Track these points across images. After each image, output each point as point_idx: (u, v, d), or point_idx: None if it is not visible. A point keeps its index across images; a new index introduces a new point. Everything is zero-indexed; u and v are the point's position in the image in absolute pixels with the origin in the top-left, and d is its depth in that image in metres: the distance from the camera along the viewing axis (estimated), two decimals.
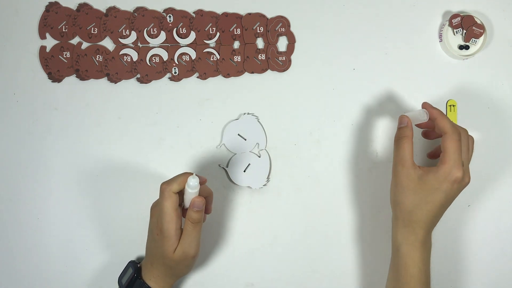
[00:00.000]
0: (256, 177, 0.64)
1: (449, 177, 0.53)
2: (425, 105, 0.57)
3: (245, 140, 0.64)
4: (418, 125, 0.59)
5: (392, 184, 0.57)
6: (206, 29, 0.65)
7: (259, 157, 0.64)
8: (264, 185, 0.64)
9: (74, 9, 0.64)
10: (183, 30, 0.64)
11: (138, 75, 0.64)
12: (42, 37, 0.64)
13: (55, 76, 0.64)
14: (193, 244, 0.55)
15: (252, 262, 0.64)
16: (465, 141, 0.56)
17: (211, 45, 0.65)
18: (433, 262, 0.63)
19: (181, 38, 0.65)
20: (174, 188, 0.54)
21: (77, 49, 0.64)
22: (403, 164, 0.55)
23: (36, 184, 0.63)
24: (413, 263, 0.54)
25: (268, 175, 0.64)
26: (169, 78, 0.65)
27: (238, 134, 0.64)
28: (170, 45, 0.65)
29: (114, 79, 0.64)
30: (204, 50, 0.65)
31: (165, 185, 0.54)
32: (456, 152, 0.53)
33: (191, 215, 0.54)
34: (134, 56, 0.64)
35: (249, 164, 0.64)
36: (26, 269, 0.63)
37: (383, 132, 0.65)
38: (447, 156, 0.53)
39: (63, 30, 0.64)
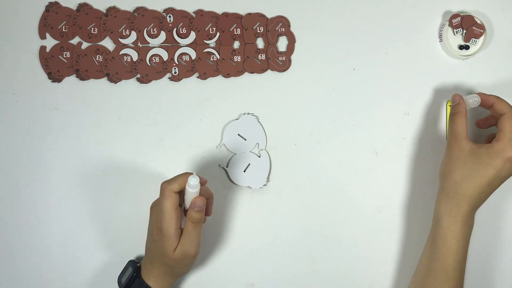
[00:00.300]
0: (256, 177, 0.64)
1: (502, 153, 0.53)
2: (479, 94, 0.58)
3: (245, 140, 0.64)
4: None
5: (444, 157, 0.57)
6: (206, 29, 0.65)
7: (259, 157, 0.64)
8: (264, 185, 0.64)
9: (74, 9, 0.64)
10: (183, 30, 0.64)
11: (138, 75, 0.64)
12: (42, 37, 0.64)
13: (55, 76, 0.64)
14: (193, 244, 0.55)
15: (252, 262, 0.64)
16: None
17: (211, 45, 0.65)
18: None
19: (181, 38, 0.65)
20: (174, 187, 0.54)
21: (77, 49, 0.64)
22: (456, 137, 0.56)
23: (36, 184, 0.63)
24: (452, 236, 0.54)
25: (268, 175, 0.64)
26: (169, 78, 0.65)
27: (238, 134, 0.64)
28: (170, 45, 0.65)
29: (114, 79, 0.64)
30: (204, 50, 0.65)
31: (165, 184, 0.54)
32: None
33: (192, 215, 0.54)
34: (134, 56, 0.64)
35: (249, 164, 0.64)
36: (26, 269, 0.63)
37: (383, 132, 0.65)
38: (503, 135, 0.54)
39: (63, 30, 0.64)
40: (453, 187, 0.55)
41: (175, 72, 0.65)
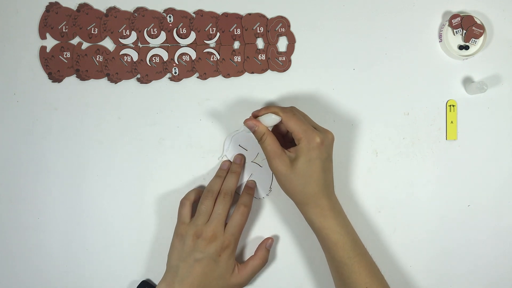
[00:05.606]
0: (259, 187, 0.64)
1: (311, 145, 0.54)
2: (248, 122, 0.57)
3: (246, 150, 0.64)
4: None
5: (277, 179, 0.57)
6: (206, 29, 0.65)
7: (261, 166, 0.64)
8: (267, 194, 0.64)
9: (74, 9, 0.64)
10: (183, 30, 0.65)
11: (138, 75, 0.64)
12: (42, 37, 0.64)
13: (55, 76, 0.64)
14: (250, 278, 0.60)
15: None
16: (298, 113, 0.57)
17: (211, 45, 0.65)
18: (432, 262, 0.63)
19: (181, 38, 0.65)
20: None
21: (77, 49, 0.64)
22: (274, 156, 0.56)
23: (36, 184, 0.63)
24: (332, 232, 0.56)
25: (271, 185, 0.64)
26: (169, 78, 0.65)
27: (239, 145, 0.64)
28: (170, 45, 0.65)
29: (114, 79, 0.64)
30: (204, 50, 0.65)
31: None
32: (299, 123, 0.55)
33: (265, 255, 0.62)
34: (134, 56, 0.64)
35: (251, 174, 0.64)
36: (26, 269, 0.63)
37: (383, 132, 0.65)
38: (297, 132, 0.55)
39: (63, 30, 0.64)
40: (303, 197, 0.56)
41: (175, 72, 0.65)
